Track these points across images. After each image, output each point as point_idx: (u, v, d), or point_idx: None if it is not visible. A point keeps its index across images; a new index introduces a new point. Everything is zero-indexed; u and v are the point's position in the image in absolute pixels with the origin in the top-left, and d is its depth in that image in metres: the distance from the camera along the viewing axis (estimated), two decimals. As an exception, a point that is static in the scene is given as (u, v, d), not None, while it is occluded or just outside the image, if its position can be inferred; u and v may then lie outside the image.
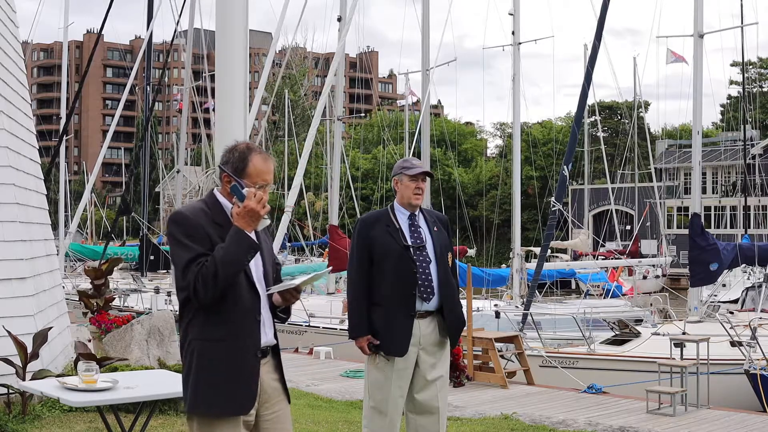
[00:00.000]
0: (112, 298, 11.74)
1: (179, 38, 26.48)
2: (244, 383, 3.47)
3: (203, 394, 3.45)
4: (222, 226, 3.48)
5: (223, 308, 3.45)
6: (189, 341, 3.50)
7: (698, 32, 18.45)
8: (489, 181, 60.34)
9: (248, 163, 3.52)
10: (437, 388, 4.94)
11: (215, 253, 3.37)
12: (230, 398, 3.45)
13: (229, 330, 3.45)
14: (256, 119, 24.20)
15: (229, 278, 3.38)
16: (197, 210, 3.52)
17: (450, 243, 5.12)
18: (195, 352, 3.46)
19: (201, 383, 3.46)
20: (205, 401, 3.45)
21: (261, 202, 3.41)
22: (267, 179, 3.53)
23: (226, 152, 3.59)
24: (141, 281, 27.24)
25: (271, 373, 3.63)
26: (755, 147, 49.06)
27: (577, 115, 19.36)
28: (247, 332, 3.48)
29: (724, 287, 23.33)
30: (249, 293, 3.50)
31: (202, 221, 3.47)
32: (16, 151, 8.21)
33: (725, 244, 18.07)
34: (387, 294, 4.85)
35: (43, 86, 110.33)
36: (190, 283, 3.38)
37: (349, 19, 17.30)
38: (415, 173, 4.96)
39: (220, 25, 4.32)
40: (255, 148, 3.58)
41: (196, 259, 3.39)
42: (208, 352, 3.45)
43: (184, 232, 3.44)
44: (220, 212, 3.53)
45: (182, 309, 3.54)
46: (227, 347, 3.44)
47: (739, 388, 12.38)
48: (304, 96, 69.65)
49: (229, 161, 3.55)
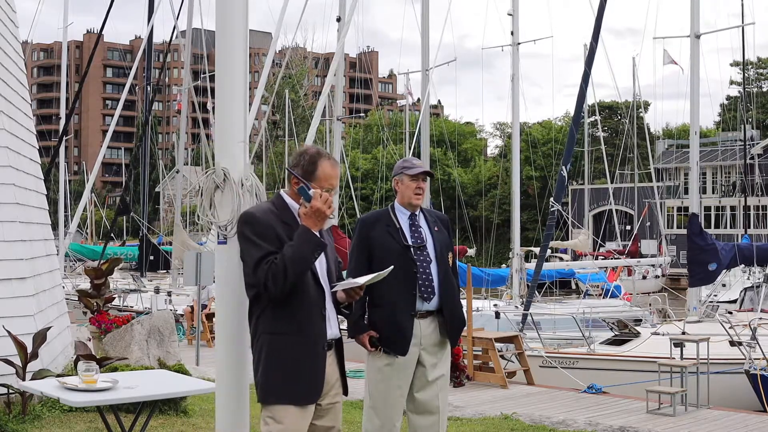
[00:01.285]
0: (112, 298, 11.78)
1: (179, 38, 26.46)
2: (311, 374, 3.68)
3: (275, 384, 3.65)
4: (289, 225, 3.69)
5: (290, 303, 3.65)
6: (259, 335, 3.70)
7: (695, 33, 18.43)
8: (489, 181, 60.36)
9: (318, 167, 3.76)
10: (438, 387, 4.94)
11: (284, 251, 3.57)
12: (299, 388, 3.65)
13: (297, 324, 3.66)
14: (256, 119, 24.23)
15: (298, 275, 3.58)
16: (266, 210, 3.72)
17: (451, 243, 5.12)
18: (265, 345, 3.67)
19: (271, 374, 3.66)
20: (276, 391, 3.66)
21: (327, 202, 3.62)
22: (333, 183, 3.78)
23: (296, 156, 3.83)
24: (141, 281, 27.25)
25: (334, 365, 3.86)
26: (755, 147, 49.08)
27: (575, 115, 19.36)
28: (313, 326, 3.69)
29: (724, 287, 23.33)
30: (315, 289, 3.71)
31: (271, 221, 3.67)
32: (16, 151, 8.21)
33: (724, 244, 18.07)
34: (387, 294, 4.85)
35: (43, 86, 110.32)
36: (261, 280, 3.57)
37: (349, 19, 17.30)
38: (416, 173, 4.96)
39: (220, 25, 4.32)
40: (324, 153, 3.81)
41: (266, 257, 3.58)
42: (278, 345, 3.65)
43: (254, 231, 3.63)
44: (287, 212, 3.75)
45: (251, 305, 3.73)
46: (295, 340, 3.65)
47: (739, 388, 12.37)
48: (304, 96, 69.63)
49: (299, 164, 3.79)
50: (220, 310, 4.00)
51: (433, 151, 35.14)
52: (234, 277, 3.86)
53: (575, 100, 19.11)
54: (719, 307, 18.85)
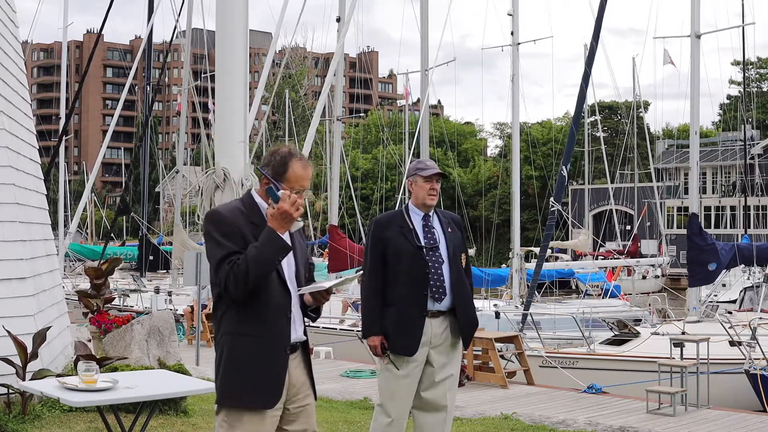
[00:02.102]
0: (112, 298, 11.77)
1: (179, 38, 26.47)
2: (272, 378, 3.58)
3: (233, 386, 3.57)
4: (257, 226, 3.60)
5: (255, 305, 3.57)
6: (221, 335, 3.63)
7: (695, 33, 18.42)
8: (489, 181, 60.33)
9: (288, 168, 3.65)
10: (446, 387, 4.98)
11: (248, 252, 3.49)
12: (258, 392, 3.56)
13: (261, 326, 3.57)
14: (256, 119, 24.22)
15: (260, 277, 3.50)
16: (234, 209, 3.65)
17: (463, 244, 5.17)
18: (226, 346, 3.59)
19: (231, 376, 3.57)
20: (235, 394, 3.57)
21: (295, 205, 3.53)
22: (304, 185, 3.68)
23: (267, 155, 3.72)
24: (141, 281, 27.24)
25: (300, 368, 3.75)
26: (755, 147, 49.06)
27: (575, 115, 19.34)
28: (277, 329, 3.60)
29: (724, 287, 23.33)
30: (281, 291, 3.62)
31: (238, 220, 3.59)
32: (16, 151, 8.21)
33: (723, 244, 18.06)
34: (400, 294, 4.90)
35: (43, 86, 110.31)
36: (222, 280, 3.50)
37: (348, 19, 17.28)
38: (429, 174, 5.02)
39: (220, 25, 4.32)
40: (296, 154, 3.70)
41: (230, 257, 3.50)
42: (239, 347, 3.57)
43: (219, 231, 3.57)
44: (256, 212, 3.66)
45: (216, 304, 3.67)
46: (258, 342, 3.56)
47: (739, 388, 12.37)
48: (304, 96, 69.63)
49: (270, 164, 3.68)
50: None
51: (433, 151, 35.10)
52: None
53: (575, 100, 19.11)
54: (719, 307, 18.86)
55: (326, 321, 19.49)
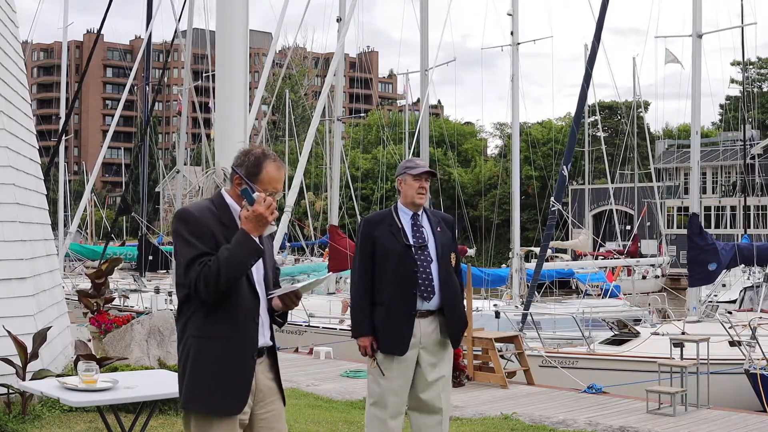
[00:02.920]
0: (112, 298, 11.78)
1: (179, 38, 26.45)
2: (238, 382, 3.49)
3: (198, 391, 3.48)
4: (227, 227, 3.52)
5: (222, 308, 3.47)
6: (186, 338, 3.52)
7: (697, 32, 18.43)
8: (489, 181, 60.33)
9: (262, 169, 3.55)
10: (439, 387, 4.96)
11: (220, 254, 3.40)
12: (224, 397, 3.47)
13: (228, 329, 3.48)
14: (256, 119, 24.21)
15: (232, 280, 3.41)
16: (204, 209, 3.55)
17: (454, 243, 5.15)
18: (192, 349, 3.49)
19: (196, 380, 3.48)
20: (200, 398, 3.48)
21: (270, 208, 3.43)
22: (277, 187, 3.57)
23: (240, 155, 3.61)
24: (141, 281, 27.24)
25: (266, 373, 3.66)
26: (755, 147, 49.07)
27: (576, 115, 19.33)
28: (245, 333, 3.51)
29: (724, 287, 23.33)
30: (249, 295, 3.53)
31: (209, 220, 3.51)
32: (16, 151, 8.21)
33: (724, 244, 18.07)
34: (388, 293, 4.87)
35: (43, 86, 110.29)
36: (192, 281, 3.41)
37: (348, 19, 17.28)
38: (419, 173, 4.98)
39: (220, 25, 4.33)
40: (270, 155, 3.61)
41: (200, 258, 3.41)
42: (204, 350, 3.47)
43: (189, 230, 3.47)
44: (226, 212, 3.57)
45: (181, 305, 3.56)
46: (224, 346, 3.47)
47: (739, 388, 12.38)
48: (304, 96, 69.63)
49: (243, 164, 3.58)
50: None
51: (433, 151, 35.11)
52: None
53: (576, 100, 19.11)
54: (719, 307, 18.86)
55: (326, 321, 19.52)
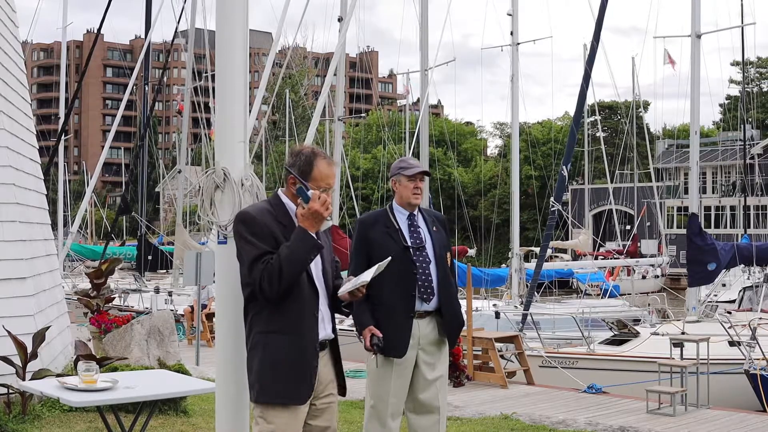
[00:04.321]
0: (112, 298, 11.79)
1: (179, 38, 26.46)
2: (303, 375, 3.67)
3: (267, 384, 3.65)
4: (285, 226, 3.69)
5: (284, 304, 3.65)
6: (253, 335, 3.70)
7: (696, 32, 18.43)
8: (489, 181, 60.34)
9: (314, 167, 3.74)
10: (437, 387, 4.95)
11: (280, 252, 3.57)
12: (291, 389, 3.65)
13: (290, 325, 3.66)
14: (256, 119, 24.23)
15: (294, 276, 3.59)
16: (262, 210, 3.72)
17: (449, 243, 5.12)
18: (259, 345, 3.67)
19: (263, 374, 3.66)
20: (269, 391, 3.66)
21: (325, 204, 3.61)
22: (330, 183, 3.77)
23: (292, 155, 3.80)
24: (142, 281, 27.26)
25: (329, 366, 3.87)
26: (755, 147, 49.06)
27: (575, 115, 19.33)
28: (306, 327, 3.69)
29: (724, 287, 23.34)
30: (309, 290, 3.71)
31: (267, 220, 3.67)
32: (16, 151, 8.22)
33: (723, 244, 18.07)
34: (386, 295, 4.84)
35: (43, 86, 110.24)
36: (256, 280, 3.58)
37: (349, 19, 17.27)
38: (413, 173, 4.95)
39: (220, 25, 4.32)
40: (320, 152, 3.79)
41: (262, 257, 3.58)
42: (270, 345, 3.65)
43: (250, 231, 3.64)
44: (283, 213, 3.75)
45: (246, 304, 3.73)
46: (288, 341, 3.65)
47: (739, 388, 12.37)
48: (304, 96, 69.63)
49: (295, 164, 3.77)
50: (220, 309, 4.00)
51: (432, 151, 35.11)
52: (234, 277, 3.86)
53: (575, 100, 19.10)
54: (718, 307, 18.87)
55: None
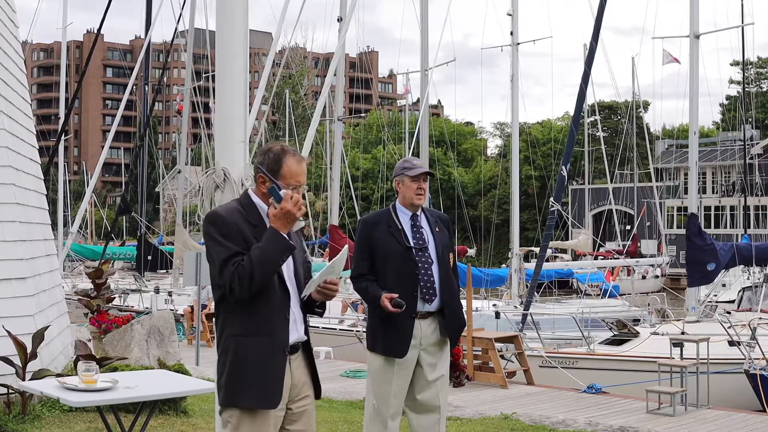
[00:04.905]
0: (112, 298, 11.80)
1: (179, 38, 26.45)
2: (273, 379, 3.58)
3: (236, 387, 3.57)
4: (256, 226, 3.60)
5: (254, 306, 3.56)
6: (225, 336, 3.63)
7: (694, 33, 18.44)
8: (489, 181, 60.33)
9: (283, 164, 3.63)
10: (438, 387, 4.95)
11: (252, 253, 3.48)
12: (261, 393, 3.56)
13: (260, 327, 3.57)
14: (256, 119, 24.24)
15: (265, 277, 3.49)
16: (232, 210, 3.63)
17: (451, 243, 5.12)
18: (230, 348, 3.59)
19: (236, 377, 3.58)
20: (238, 395, 3.57)
21: (297, 204, 3.51)
22: (300, 180, 3.65)
23: (261, 153, 3.68)
24: (142, 281, 27.26)
25: (302, 368, 3.75)
26: (755, 147, 49.06)
27: (574, 115, 19.34)
28: (276, 330, 3.59)
29: (723, 287, 23.33)
30: (280, 291, 3.61)
31: (237, 220, 3.57)
32: (16, 151, 8.21)
33: (722, 244, 18.08)
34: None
35: (43, 86, 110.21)
36: (227, 282, 3.49)
37: (348, 19, 17.28)
38: (416, 174, 4.94)
39: (220, 25, 4.33)
40: (289, 150, 3.68)
41: (233, 258, 3.49)
42: (242, 348, 3.56)
43: (220, 232, 3.55)
44: (254, 212, 3.64)
45: (218, 306, 3.66)
46: (258, 343, 3.56)
47: (739, 388, 12.38)
48: (304, 96, 69.62)
49: (263, 162, 3.65)
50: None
51: (432, 151, 35.08)
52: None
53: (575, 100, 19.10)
54: (718, 307, 18.87)
55: (326, 321, 19.51)
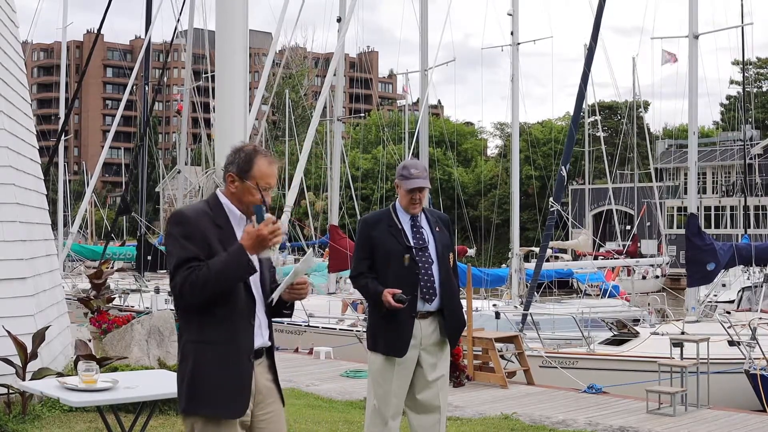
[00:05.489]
0: (112, 298, 11.80)
1: (179, 38, 26.44)
2: (237, 386, 3.46)
3: (197, 395, 3.46)
4: (222, 228, 3.48)
5: (218, 311, 3.44)
6: (184, 343, 3.51)
7: (693, 33, 18.45)
8: (489, 181, 60.33)
9: (253, 165, 3.51)
10: (438, 387, 4.96)
11: (211, 264, 3.36)
12: (223, 401, 3.44)
13: (224, 333, 3.45)
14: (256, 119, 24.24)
15: (218, 291, 3.37)
16: (199, 211, 3.51)
17: (451, 243, 5.11)
18: (191, 354, 3.47)
19: (197, 385, 3.46)
20: (199, 403, 3.46)
21: (274, 232, 3.38)
22: (270, 183, 3.53)
23: (231, 153, 3.56)
24: (142, 281, 27.25)
25: (266, 374, 3.64)
26: (755, 147, 49.07)
27: (574, 115, 19.34)
28: (241, 336, 3.47)
29: (723, 287, 23.33)
30: (245, 297, 3.50)
31: (203, 223, 3.47)
32: (16, 151, 8.22)
33: (722, 244, 18.08)
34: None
35: (43, 86, 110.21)
36: (177, 285, 3.38)
37: (348, 19, 17.29)
38: (410, 188, 4.90)
39: (220, 25, 4.33)
40: (261, 150, 3.57)
41: (189, 262, 3.38)
42: (202, 355, 3.45)
43: (182, 232, 3.44)
44: (221, 214, 3.53)
45: (177, 309, 3.56)
46: (221, 350, 3.44)
47: (739, 388, 12.38)
48: (304, 96, 69.63)
49: (234, 162, 3.54)
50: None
51: (432, 151, 35.08)
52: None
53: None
54: (717, 307, 18.88)
55: (326, 321, 19.52)
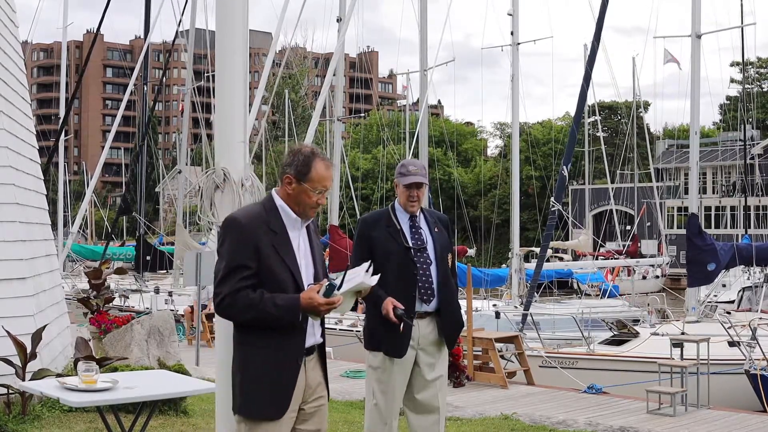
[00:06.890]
0: (112, 298, 11.79)
1: (181, 38, 26.45)
2: (284, 389, 3.58)
3: (248, 397, 3.58)
4: (276, 233, 3.57)
5: None
6: (237, 344, 3.63)
7: (696, 33, 18.45)
8: (489, 181, 60.32)
9: (311, 168, 3.60)
10: (437, 387, 4.95)
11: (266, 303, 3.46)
12: (272, 402, 3.56)
13: (274, 338, 3.55)
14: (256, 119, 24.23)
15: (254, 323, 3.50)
16: (253, 215, 3.59)
17: (450, 244, 5.10)
18: (242, 357, 3.60)
19: (248, 386, 3.58)
20: (250, 404, 3.58)
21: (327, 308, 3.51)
22: (327, 185, 3.64)
23: (290, 154, 3.65)
24: (142, 281, 27.26)
25: (317, 370, 3.76)
26: (755, 147, 49.05)
27: (576, 115, 19.34)
28: (291, 338, 3.58)
29: (724, 287, 23.34)
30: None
31: (256, 229, 3.53)
32: (16, 151, 8.21)
33: (722, 244, 18.08)
34: (387, 295, 4.83)
35: (43, 86, 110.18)
36: (223, 293, 3.48)
37: (348, 19, 17.29)
38: (408, 183, 4.90)
39: (220, 25, 4.33)
40: (319, 153, 3.65)
41: (237, 270, 3.47)
42: (252, 358, 3.56)
43: (233, 239, 3.53)
44: (276, 218, 3.61)
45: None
46: (271, 355, 3.55)
47: (739, 388, 12.38)
48: (304, 96, 69.60)
49: (292, 163, 3.62)
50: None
51: (432, 151, 35.07)
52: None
53: (576, 100, 19.10)
54: (718, 307, 18.88)
55: (325, 321, 19.48)
